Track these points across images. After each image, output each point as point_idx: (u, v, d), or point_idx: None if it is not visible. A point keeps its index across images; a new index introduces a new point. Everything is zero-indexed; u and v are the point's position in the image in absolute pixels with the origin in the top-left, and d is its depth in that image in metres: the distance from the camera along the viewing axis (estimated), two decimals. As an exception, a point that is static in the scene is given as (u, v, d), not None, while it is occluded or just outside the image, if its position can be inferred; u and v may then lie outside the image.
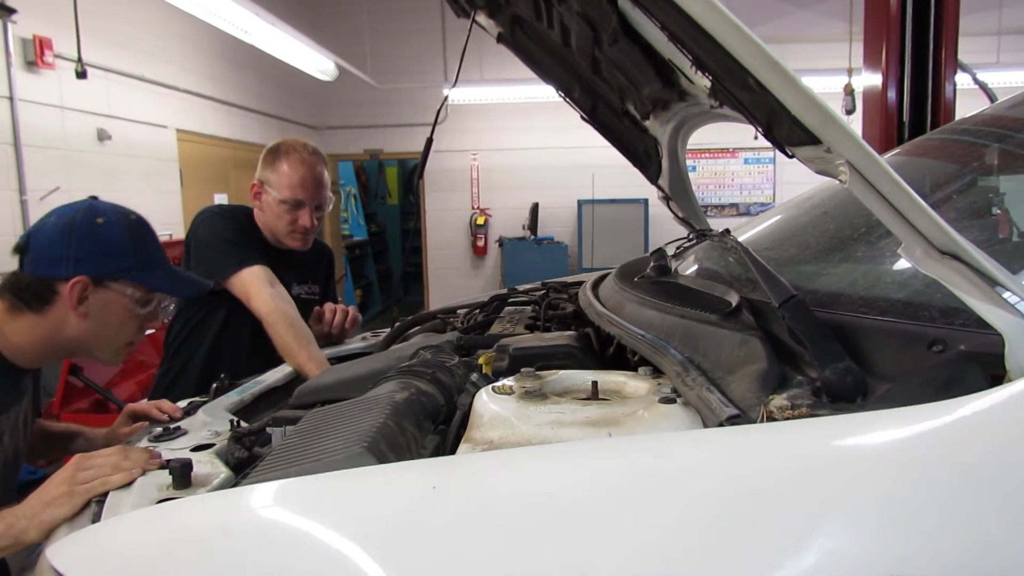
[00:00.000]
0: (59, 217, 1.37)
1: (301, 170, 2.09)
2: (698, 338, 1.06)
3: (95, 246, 1.35)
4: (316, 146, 2.18)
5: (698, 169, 8.38)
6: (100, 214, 1.38)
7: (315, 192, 2.12)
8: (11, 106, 3.87)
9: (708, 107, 1.41)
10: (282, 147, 2.13)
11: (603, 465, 0.71)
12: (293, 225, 2.12)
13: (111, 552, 0.75)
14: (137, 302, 1.42)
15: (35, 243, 1.35)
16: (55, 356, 1.43)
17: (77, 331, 1.36)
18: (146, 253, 1.42)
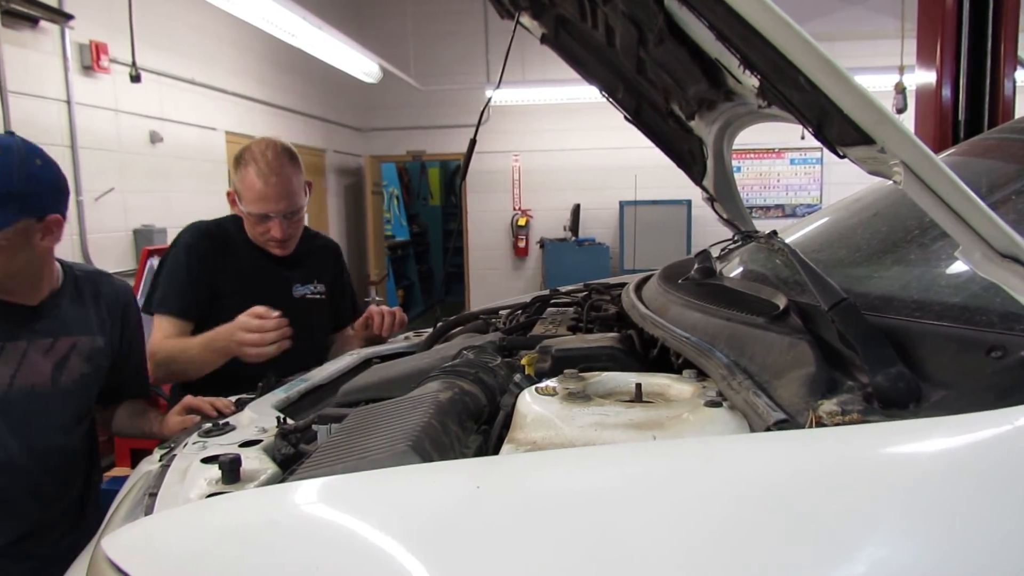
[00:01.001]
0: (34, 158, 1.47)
1: (260, 183, 2.00)
2: (744, 341, 1.05)
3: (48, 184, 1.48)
4: (285, 144, 2.10)
5: (743, 170, 8.26)
6: (39, 156, 1.48)
7: (280, 203, 2.04)
8: (68, 110, 3.99)
9: (755, 107, 1.39)
10: (244, 155, 2.05)
11: (649, 468, 0.71)
12: (266, 236, 2.08)
13: (163, 543, 0.77)
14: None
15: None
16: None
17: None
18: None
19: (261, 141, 2.07)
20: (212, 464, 1.06)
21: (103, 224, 4.20)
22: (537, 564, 0.63)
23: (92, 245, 4.08)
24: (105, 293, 1.73)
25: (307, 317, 2.13)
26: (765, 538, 0.60)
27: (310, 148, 7.36)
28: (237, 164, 2.05)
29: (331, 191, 7.98)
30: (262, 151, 2.03)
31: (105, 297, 1.72)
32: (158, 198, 4.75)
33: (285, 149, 2.07)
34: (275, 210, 2.03)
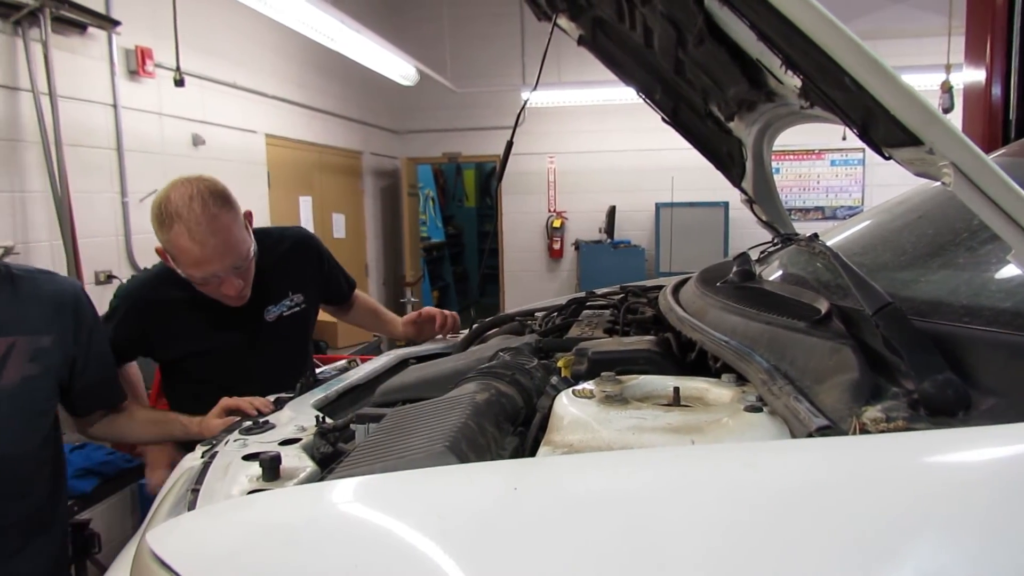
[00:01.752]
0: None
1: (195, 248, 1.69)
2: (785, 345, 1.03)
3: None
4: (209, 185, 1.76)
5: (782, 171, 8.14)
6: None
7: (225, 260, 1.74)
8: (115, 113, 4.09)
9: (797, 108, 1.37)
10: (166, 211, 1.71)
11: (688, 472, 0.70)
12: (216, 294, 1.81)
13: (206, 538, 0.78)
14: None
15: None
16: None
17: None
18: None
19: (181, 190, 1.72)
20: (253, 461, 1.07)
21: (147, 225, 4.28)
22: (574, 567, 0.62)
23: (136, 246, 4.17)
24: (48, 292, 1.60)
25: (287, 332, 2.03)
26: (808, 547, 0.59)
27: (347, 150, 7.43)
28: (160, 223, 1.73)
29: (368, 193, 8.05)
30: (187, 204, 1.69)
31: (49, 296, 1.59)
32: (200, 199, 4.84)
33: (212, 194, 1.74)
34: (220, 270, 1.75)
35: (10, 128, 3.40)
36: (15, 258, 3.34)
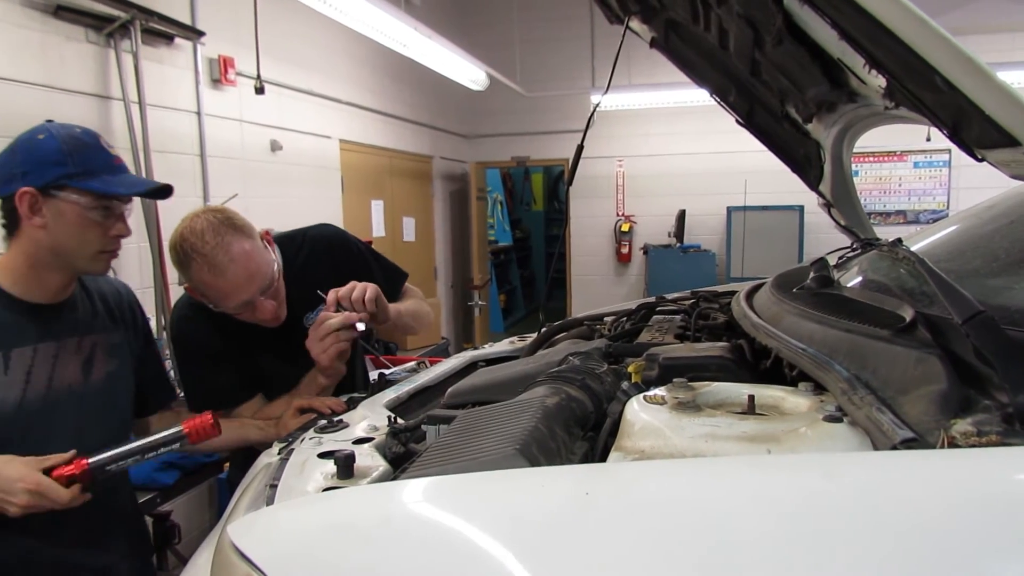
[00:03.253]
0: (11, 142, 1.44)
1: (217, 280, 1.66)
2: (867, 354, 1.00)
3: (34, 157, 1.40)
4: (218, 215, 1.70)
5: (861, 174, 7.86)
6: (42, 131, 1.44)
7: (252, 286, 1.69)
8: (198, 121, 4.25)
9: (881, 108, 1.32)
10: (182, 250, 1.67)
11: (765, 482, 0.68)
12: (254, 319, 1.76)
13: (284, 532, 0.81)
14: (89, 208, 1.43)
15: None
16: (50, 278, 1.47)
17: (45, 243, 1.42)
18: (86, 160, 1.43)
19: (192, 225, 1.67)
20: (328, 459, 1.10)
21: (227, 228, 4.45)
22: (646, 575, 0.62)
23: (216, 247, 4.33)
24: (109, 290, 1.66)
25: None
26: (893, 565, 0.57)
27: (418, 155, 7.55)
28: (180, 263, 1.70)
29: (437, 197, 8.15)
30: (201, 239, 1.64)
31: (111, 294, 1.66)
32: (277, 203, 4.99)
33: (223, 223, 1.69)
34: (250, 296, 1.70)
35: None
36: (106, 259, 3.52)
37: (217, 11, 4.36)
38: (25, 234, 1.42)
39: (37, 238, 1.41)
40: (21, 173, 1.39)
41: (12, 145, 1.43)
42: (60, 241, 1.42)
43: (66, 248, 1.43)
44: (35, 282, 1.45)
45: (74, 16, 3.35)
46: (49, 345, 1.47)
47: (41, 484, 1.27)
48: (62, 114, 3.32)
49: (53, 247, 1.42)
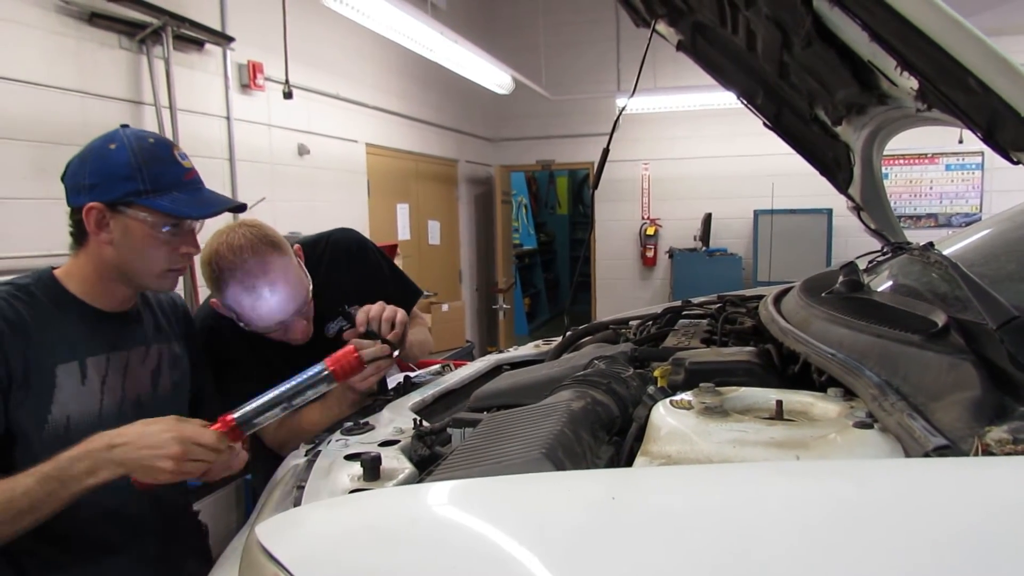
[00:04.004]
0: (84, 148, 1.37)
1: (255, 302, 1.60)
2: (898, 360, 0.98)
3: (105, 171, 1.32)
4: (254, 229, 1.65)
5: (891, 177, 7.75)
6: (114, 140, 1.35)
7: (289, 307, 1.63)
8: (228, 125, 4.31)
9: (913, 111, 1.30)
10: (216, 268, 1.60)
11: (794, 490, 0.68)
12: (284, 338, 1.71)
13: (312, 533, 0.81)
14: (157, 226, 1.35)
15: (66, 176, 1.37)
16: (119, 290, 1.41)
17: (112, 259, 1.35)
18: (156, 175, 1.34)
19: (229, 242, 1.60)
20: (354, 461, 1.11)
21: (255, 231, 4.50)
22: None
23: (245, 250, 4.39)
24: (164, 301, 1.61)
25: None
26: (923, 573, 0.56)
27: (443, 159, 7.58)
28: (214, 282, 1.63)
29: (462, 200, 8.18)
30: (237, 256, 1.58)
31: (167, 304, 1.61)
32: (304, 207, 5.04)
33: (261, 240, 1.62)
34: (284, 317, 1.64)
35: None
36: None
37: (246, 17, 4.42)
38: (93, 248, 1.36)
39: (103, 253, 1.36)
40: (89, 186, 1.32)
41: (83, 153, 1.36)
42: (126, 258, 1.36)
43: (132, 266, 1.37)
44: (103, 292, 1.40)
45: (108, 23, 3.41)
46: (120, 354, 1.41)
47: (186, 430, 1.18)
48: (95, 119, 3.38)
49: (119, 264, 1.36)
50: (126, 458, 1.16)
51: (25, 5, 3.06)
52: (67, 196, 1.36)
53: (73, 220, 1.36)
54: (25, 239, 3.06)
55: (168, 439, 1.16)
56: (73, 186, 1.35)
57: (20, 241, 3.04)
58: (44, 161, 3.16)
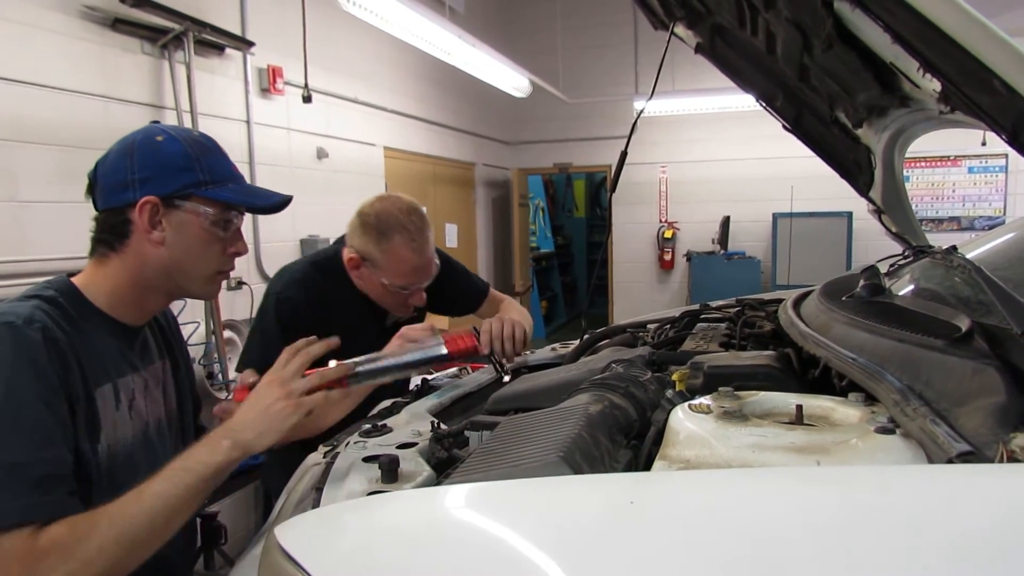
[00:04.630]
0: (120, 144, 1.25)
1: (415, 257, 1.78)
2: (920, 365, 0.97)
3: (158, 163, 1.21)
4: (417, 204, 1.85)
5: (912, 180, 7.68)
6: (159, 133, 1.26)
7: (427, 273, 1.83)
8: (248, 129, 4.35)
9: (935, 113, 1.29)
10: (385, 222, 1.78)
11: (815, 495, 0.67)
12: (397, 302, 1.85)
13: (331, 534, 0.82)
14: (214, 222, 1.26)
15: (101, 174, 1.24)
16: (152, 300, 1.30)
17: (159, 261, 1.23)
18: (213, 166, 1.26)
19: (401, 204, 1.81)
20: (372, 463, 1.11)
21: (274, 234, 4.53)
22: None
23: (264, 253, 4.42)
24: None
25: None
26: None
27: (460, 162, 7.60)
28: (378, 231, 1.78)
29: (479, 203, 8.19)
30: (407, 216, 1.78)
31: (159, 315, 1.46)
32: (323, 210, 5.07)
33: (420, 212, 1.84)
34: (425, 280, 1.83)
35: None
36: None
37: (266, 22, 4.46)
38: (134, 250, 1.22)
39: (149, 254, 1.22)
40: (140, 180, 1.20)
41: (123, 148, 1.24)
42: (178, 259, 1.24)
43: (183, 267, 1.26)
44: (134, 304, 1.27)
45: (130, 28, 3.45)
46: (141, 373, 1.30)
47: (295, 387, 1.14)
48: (118, 123, 3.42)
49: (168, 265, 1.24)
50: (246, 421, 1.12)
51: (49, 11, 3.11)
52: (103, 196, 1.23)
53: (109, 222, 1.23)
54: (49, 242, 3.10)
55: (267, 385, 1.15)
56: (115, 183, 1.21)
57: (44, 244, 3.08)
58: (68, 165, 3.20)
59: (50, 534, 0.95)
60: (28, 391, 1.02)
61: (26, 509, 0.96)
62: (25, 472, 0.98)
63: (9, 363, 1.02)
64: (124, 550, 0.99)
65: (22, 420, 1.00)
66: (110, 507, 1.01)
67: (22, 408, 1.01)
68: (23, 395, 1.02)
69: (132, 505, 1.02)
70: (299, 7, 4.50)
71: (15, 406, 1.00)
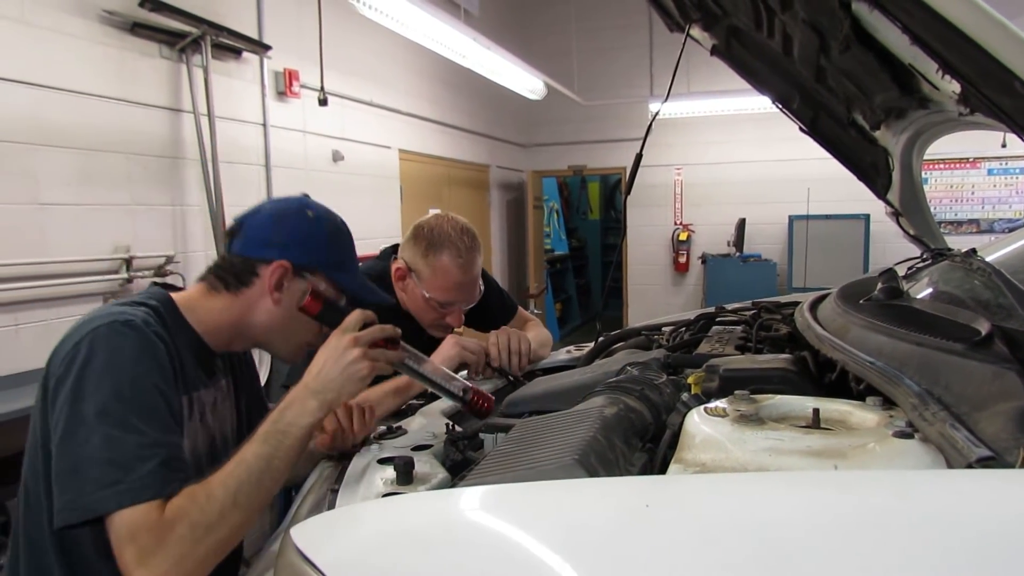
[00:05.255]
0: (274, 205, 1.39)
1: (459, 274, 1.83)
2: (939, 369, 0.96)
3: (303, 235, 1.34)
4: (471, 227, 1.91)
5: (931, 182, 7.61)
6: (311, 208, 1.39)
7: (469, 293, 1.88)
8: (264, 132, 4.38)
9: (955, 114, 1.28)
10: (436, 236, 1.84)
11: (832, 499, 0.66)
12: (439, 322, 1.89)
13: (346, 537, 0.82)
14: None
15: (249, 225, 1.35)
16: (240, 342, 1.40)
17: (264, 317, 1.33)
18: (343, 254, 1.40)
19: (454, 222, 1.88)
20: (387, 465, 1.12)
21: (290, 236, 4.56)
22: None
23: (280, 255, 4.45)
24: None
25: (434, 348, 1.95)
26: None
27: (475, 164, 7.61)
28: (429, 243, 1.84)
29: (494, 205, 8.21)
30: (459, 235, 1.84)
31: None
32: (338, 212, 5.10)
33: (474, 232, 1.91)
34: (466, 301, 1.88)
35: (174, 147, 3.71)
36: (175, 266, 3.65)
37: (283, 25, 4.49)
38: (247, 298, 1.32)
39: (259, 308, 1.32)
40: (281, 244, 1.32)
41: (277, 211, 1.36)
42: (282, 321, 1.34)
43: (283, 329, 1.35)
44: (224, 339, 1.36)
45: (149, 33, 3.49)
46: (211, 389, 1.37)
47: (356, 337, 1.20)
48: (137, 127, 3.46)
49: (270, 324, 1.34)
50: (328, 382, 1.17)
51: (70, 16, 3.14)
52: (243, 244, 1.33)
53: (237, 267, 1.32)
54: (69, 244, 3.13)
55: (346, 346, 1.19)
56: (260, 238, 1.33)
57: (62, 246, 3.12)
58: (87, 168, 3.24)
59: (173, 505, 1.03)
60: (151, 382, 1.12)
61: (159, 484, 1.04)
62: (157, 452, 1.06)
63: (134, 357, 1.12)
64: (242, 512, 1.07)
65: (148, 407, 1.10)
66: (219, 475, 1.09)
67: (147, 396, 1.11)
68: (146, 384, 1.11)
69: (240, 470, 1.09)
70: (315, 11, 4.53)
71: (141, 394, 1.10)
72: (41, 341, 3.04)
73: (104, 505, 1.01)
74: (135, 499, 1.02)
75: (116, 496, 1.01)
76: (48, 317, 3.07)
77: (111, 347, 1.11)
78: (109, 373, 1.09)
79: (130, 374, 1.10)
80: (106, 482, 1.02)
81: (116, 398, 1.08)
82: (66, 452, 1.06)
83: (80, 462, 1.04)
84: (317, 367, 1.19)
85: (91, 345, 1.11)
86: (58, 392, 1.10)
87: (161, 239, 3.66)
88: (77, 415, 1.07)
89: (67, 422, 1.07)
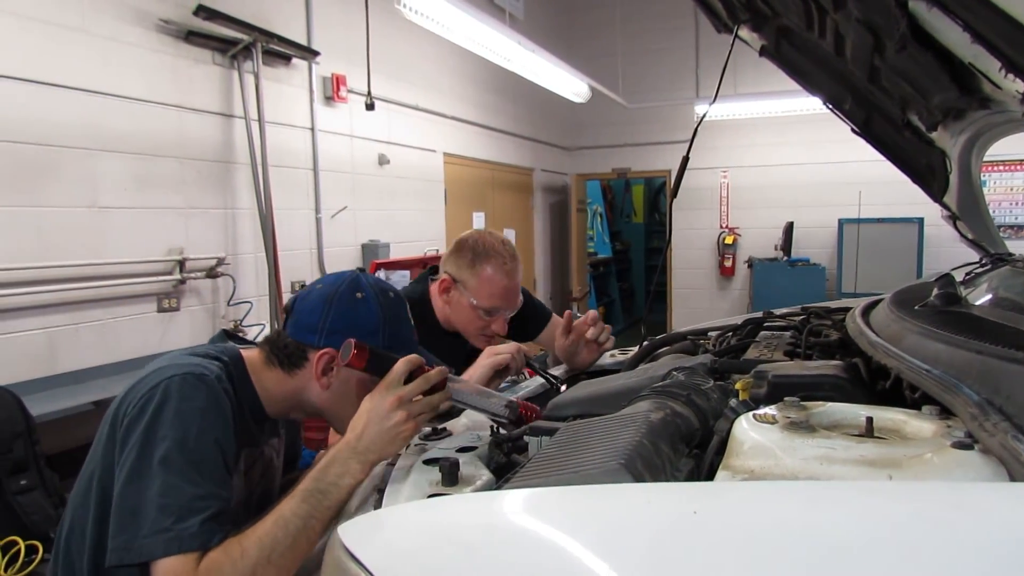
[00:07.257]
0: (325, 286, 1.37)
1: (504, 281, 1.93)
2: (1001, 378, 0.93)
3: (350, 322, 1.32)
4: (510, 240, 2.02)
5: (989, 184, 7.37)
6: (361, 289, 1.36)
7: (513, 300, 1.98)
8: (312, 136, 4.46)
9: (1019, 114, 1.24)
10: (482, 249, 1.95)
11: (887, 510, 0.65)
12: (484, 330, 1.98)
13: (392, 536, 0.83)
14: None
15: (299, 308, 1.36)
16: (297, 412, 1.42)
17: (316, 399, 1.35)
18: (395, 334, 1.37)
19: (496, 235, 1.99)
20: (433, 466, 1.12)
21: (336, 239, 4.63)
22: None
23: (327, 257, 4.52)
24: None
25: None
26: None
27: (519, 167, 7.63)
28: (474, 255, 1.94)
29: (537, 209, 8.21)
30: (503, 244, 1.96)
31: None
32: (384, 215, 5.15)
33: (513, 245, 2.01)
34: (510, 307, 1.98)
35: (225, 151, 3.80)
36: (225, 268, 3.73)
37: (331, 32, 4.57)
38: (300, 379, 1.34)
39: (311, 390, 1.35)
40: (329, 331, 1.32)
41: (325, 295, 1.35)
42: (334, 405, 1.36)
43: (335, 412, 1.37)
44: (280, 407, 1.38)
45: (202, 40, 3.58)
46: (259, 448, 1.40)
47: (398, 393, 1.21)
48: (191, 132, 3.55)
49: (322, 406, 1.36)
50: (371, 443, 1.18)
51: (128, 25, 3.24)
52: (294, 328, 1.34)
53: (289, 349, 1.34)
54: (124, 246, 3.23)
55: (390, 408, 1.20)
56: (307, 324, 1.33)
57: (121, 248, 3.21)
58: (143, 173, 3.33)
59: (209, 559, 1.07)
60: (213, 436, 1.16)
61: (205, 536, 1.08)
62: (209, 504, 1.11)
63: (203, 410, 1.17)
64: (275, 570, 1.10)
65: (207, 461, 1.14)
66: (255, 530, 1.12)
67: (208, 450, 1.15)
68: (209, 439, 1.16)
69: (277, 528, 1.12)
70: (363, 17, 4.60)
71: (203, 448, 1.15)
72: (99, 340, 3.14)
73: (151, 551, 1.05)
74: (181, 548, 1.05)
75: (164, 544, 1.05)
76: (105, 317, 3.17)
77: (183, 397, 1.16)
78: (177, 423, 1.14)
79: (197, 427, 1.15)
80: (157, 528, 1.06)
81: (180, 448, 1.12)
82: (128, 494, 1.10)
83: (140, 506, 1.08)
84: (361, 425, 1.20)
85: (165, 393, 1.16)
86: (128, 435, 1.14)
87: (213, 241, 3.74)
88: (144, 459, 1.11)
89: (132, 465, 1.11)
